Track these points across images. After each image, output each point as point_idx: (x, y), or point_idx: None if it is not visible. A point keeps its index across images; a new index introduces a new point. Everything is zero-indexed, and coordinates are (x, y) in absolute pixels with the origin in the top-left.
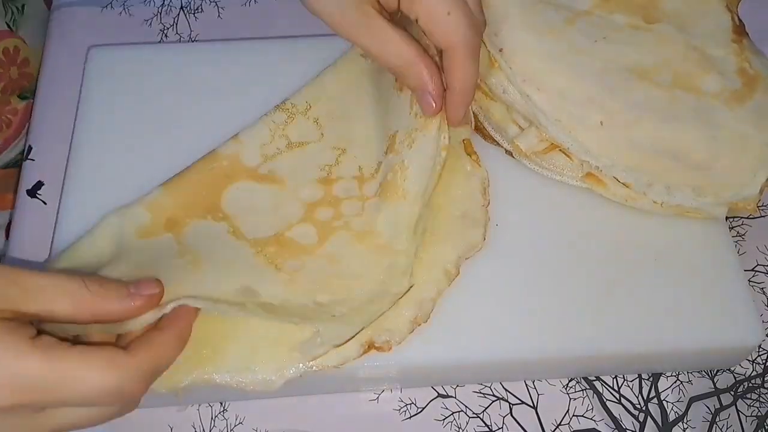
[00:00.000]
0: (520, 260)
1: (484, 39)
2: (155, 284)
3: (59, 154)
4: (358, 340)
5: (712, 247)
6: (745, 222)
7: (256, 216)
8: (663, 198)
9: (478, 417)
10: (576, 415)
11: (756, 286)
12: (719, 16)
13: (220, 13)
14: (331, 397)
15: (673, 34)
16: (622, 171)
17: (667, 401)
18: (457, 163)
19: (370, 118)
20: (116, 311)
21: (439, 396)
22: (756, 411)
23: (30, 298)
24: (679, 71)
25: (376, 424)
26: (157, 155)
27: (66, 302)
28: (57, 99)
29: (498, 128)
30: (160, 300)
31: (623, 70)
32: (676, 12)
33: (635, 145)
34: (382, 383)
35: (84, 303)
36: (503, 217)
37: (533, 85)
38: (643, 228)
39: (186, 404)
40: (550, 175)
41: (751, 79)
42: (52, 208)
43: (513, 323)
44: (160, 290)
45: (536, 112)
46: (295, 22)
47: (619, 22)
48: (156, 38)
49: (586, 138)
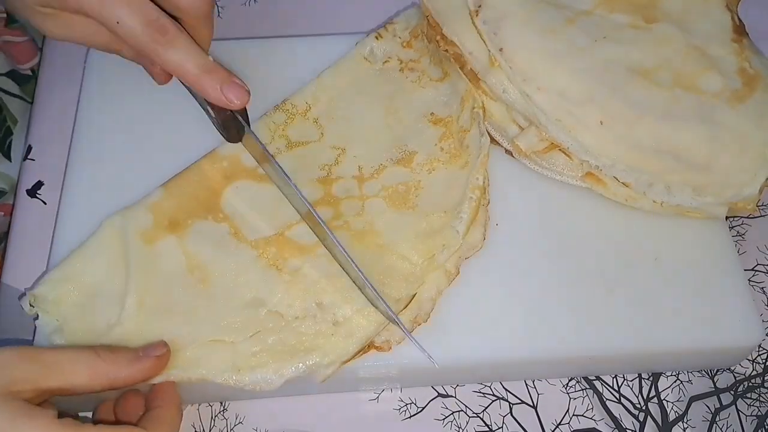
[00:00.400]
0: (520, 260)
1: (483, 37)
2: (161, 345)
3: (59, 154)
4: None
5: (712, 246)
6: (745, 222)
7: (256, 216)
8: (663, 198)
9: (478, 416)
10: (576, 415)
11: (756, 285)
12: (719, 16)
13: (219, 12)
14: (331, 397)
15: (673, 34)
16: (622, 170)
17: (667, 401)
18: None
19: (370, 118)
20: (128, 376)
21: (439, 396)
22: (756, 410)
23: (50, 374)
24: (680, 71)
25: (376, 424)
26: (157, 155)
27: (83, 373)
28: (57, 99)
29: (498, 128)
30: (168, 358)
31: (623, 69)
32: (676, 12)
33: (635, 145)
34: (382, 383)
35: (99, 372)
36: (503, 217)
37: (533, 84)
38: (643, 228)
39: (186, 404)
40: (550, 174)
41: (751, 78)
42: (52, 208)
43: (513, 323)
44: (167, 350)
45: (536, 112)
46: (295, 22)
47: (619, 21)
48: None
49: (586, 137)
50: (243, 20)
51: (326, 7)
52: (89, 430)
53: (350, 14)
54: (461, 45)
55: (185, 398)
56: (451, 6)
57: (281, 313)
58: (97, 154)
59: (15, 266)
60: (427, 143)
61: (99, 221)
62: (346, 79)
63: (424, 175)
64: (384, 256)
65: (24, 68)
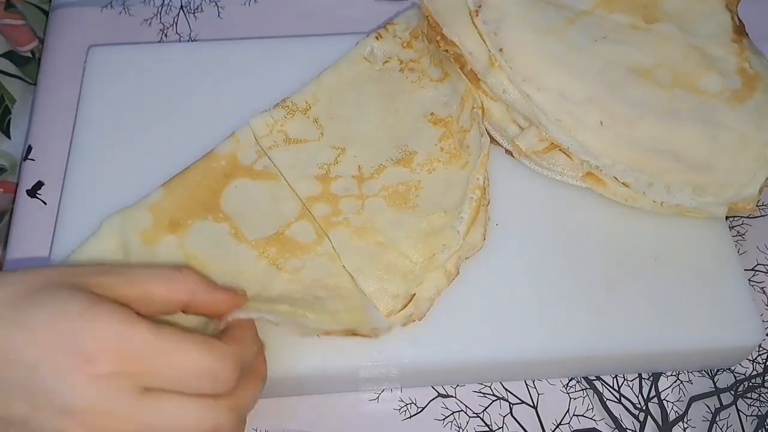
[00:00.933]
0: (520, 260)
1: (484, 38)
2: (240, 290)
3: (59, 154)
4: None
5: (712, 246)
6: (745, 221)
7: (256, 215)
8: (663, 198)
9: (478, 417)
10: (576, 415)
11: (756, 285)
12: (719, 16)
13: (219, 12)
14: (331, 397)
15: (673, 34)
16: (622, 170)
17: (667, 401)
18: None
19: (370, 119)
20: (206, 294)
21: (439, 396)
22: (756, 410)
23: (126, 282)
24: (680, 71)
25: (376, 424)
26: (157, 155)
27: (162, 283)
28: (57, 99)
29: (498, 128)
30: (244, 301)
31: (623, 69)
32: (676, 12)
33: (635, 145)
34: (382, 383)
35: (177, 284)
36: (503, 217)
37: (533, 84)
38: (643, 228)
39: None
40: (550, 174)
41: (751, 78)
42: (52, 208)
43: (513, 323)
44: (244, 295)
45: (536, 112)
46: (295, 22)
47: (619, 21)
48: (156, 38)
49: (587, 138)
50: (243, 20)
51: (326, 7)
52: (167, 327)
53: (350, 14)
54: (461, 45)
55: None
56: (451, 6)
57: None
58: (97, 154)
59: (15, 266)
60: (428, 143)
61: (99, 221)
62: (346, 78)
63: (424, 175)
64: (384, 253)
65: (23, 50)
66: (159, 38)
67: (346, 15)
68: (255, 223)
